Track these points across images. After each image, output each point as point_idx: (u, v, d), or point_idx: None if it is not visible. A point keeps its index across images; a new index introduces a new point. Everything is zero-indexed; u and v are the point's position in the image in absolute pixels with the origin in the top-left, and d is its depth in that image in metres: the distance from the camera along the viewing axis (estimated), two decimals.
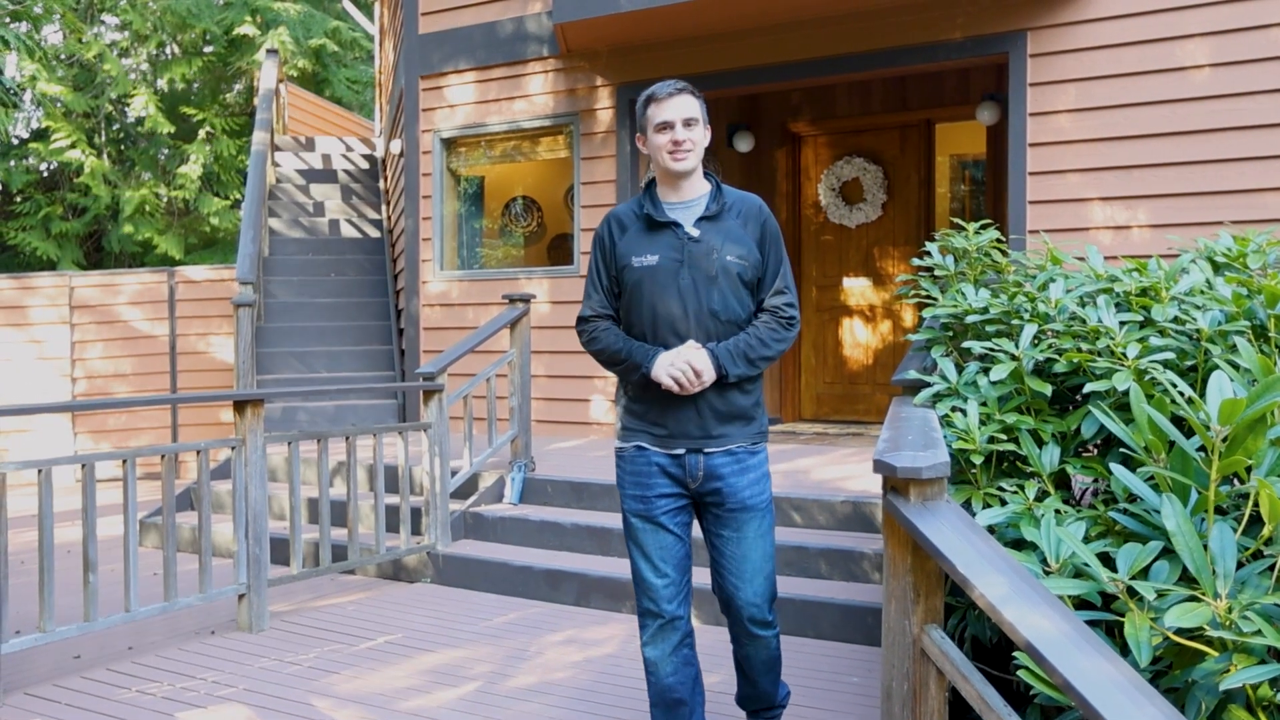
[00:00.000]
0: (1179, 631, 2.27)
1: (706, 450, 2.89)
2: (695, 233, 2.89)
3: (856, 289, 8.19)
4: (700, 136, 2.92)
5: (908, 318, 8.01)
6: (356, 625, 4.88)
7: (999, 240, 4.37)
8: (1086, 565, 2.59)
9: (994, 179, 7.60)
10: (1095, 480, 3.66)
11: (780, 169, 8.35)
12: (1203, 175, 5.66)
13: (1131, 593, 2.39)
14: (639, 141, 3.02)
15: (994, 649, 3.54)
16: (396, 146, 8.73)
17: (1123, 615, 2.46)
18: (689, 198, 2.95)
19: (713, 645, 4.27)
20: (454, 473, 6.03)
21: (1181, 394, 2.63)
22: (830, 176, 8.23)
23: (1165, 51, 5.74)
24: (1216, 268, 3.92)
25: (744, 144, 8.12)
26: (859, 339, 8.20)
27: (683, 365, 2.81)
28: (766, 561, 2.97)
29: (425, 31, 8.25)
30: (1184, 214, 5.69)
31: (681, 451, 2.90)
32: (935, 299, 4.30)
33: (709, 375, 2.81)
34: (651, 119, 2.91)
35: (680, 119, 2.86)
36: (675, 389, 2.81)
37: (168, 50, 17.48)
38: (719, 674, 4.00)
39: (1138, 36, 5.81)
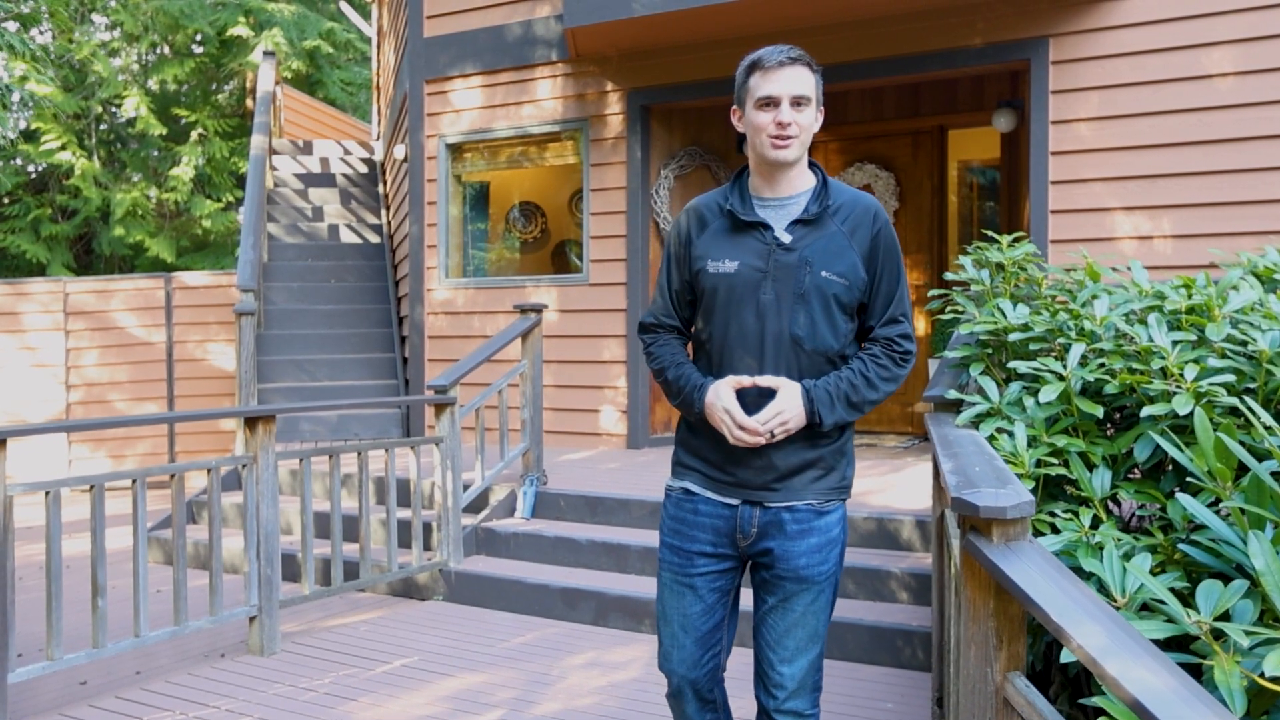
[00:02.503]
0: (1268, 676, 2.16)
1: (767, 504, 2.39)
2: (786, 239, 2.36)
3: None
4: (810, 120, 2.37)
5: (920, 326, 7.91)
6: (370, 647, 4.75)
7: (1035, 254, 4.27)
8: (1163, 603, 2.48)
9: (1008, 186, 7.50)
10: (1142, 505, 3.57)
11: None
12: (1229, 185, 5.57)
13: (1214, 633, 2.29)
14: (733, 116, 2.46)
15: (1034, 677, 3.43)
16: (401, 151, 8.59)
17: (1199, 656, 2.36)
18: (786, 194, 2.41)
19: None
20: (465, 487, 5.90)
21: (1265, 424, 2.52)
22: None
23: (1190, 59, 5.65)
24: (1264, 284, 3.82)
25: None
26: None
27: (776, 424, 2.30)
28: (813, 643, 2.44)
29: (430, 35, 8.11)
30: (1210, 224, 5.60)
31: (736, 502, 2.41)
32: (965, 313, 4.19)
33: (797, 423, 2.32)
34: (753, 91, 2.35)
35: (789, 95, 2.31)
36: (732, 440, 2.33)
37: (159, 51, 17.27)
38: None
39: (1162, 44, 5.72)
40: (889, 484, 5.81)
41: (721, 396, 2.35)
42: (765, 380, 2.33)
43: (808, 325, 2.35)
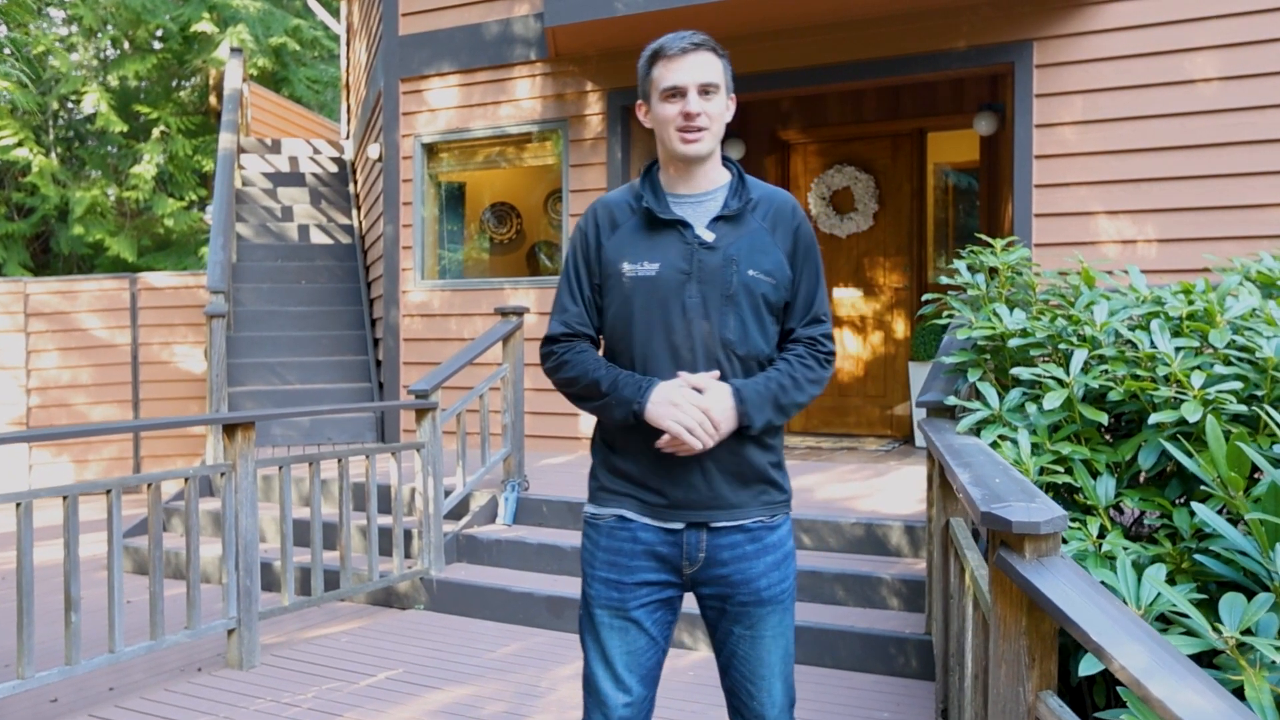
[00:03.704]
0: None
1: (713, 525, 2.21)
2: (709, 236, 2.20)
3: (847, 300, 8.06)
4: (720, 109, 2.21)
5: (899, 329, 7.90)
6: (353, 659, 4.63)
7: (1027, 258, 4.24)
8: (1183, 615, 2.45)
9: (988, 189, 7.50)
10: (1142, 512, 3.54)
11: (770, 177, 8.19)
12: (1212, 189, 5.59)
13: (1240, 646, 2.26)
14: (639, 110, 2.29)
15: None
16: (375, 151, 8.45)
17: (1217, 669, 2.32)
18: (702, 189, 2.26)
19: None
20: (446, 493, 5.79)
21: None
22: (820, 185, 8.09)
23: (1174, 64, 5.67)
24: (1262, 289, 3.80)
25: (735, 151, 7.96)
26: (849, 350, 8.07)
27: (694, 413, 2.10)
28: (786, 663, 2.30)
29: (406, 33, 7.98)
30: (1193, 229, 5.62)
31: (680, 527, 2.21)
32: (958, 317, 4.16)
33: (727, 426, 2.13)
34: (657, 82, 2.20)
35: (695, 84, 2.16)
36: (684, 438, 2.10)
37: (120, 46, 16.94)
38: None
39: (1146, 49, 5.73)
40: (874, 488, 5.77)
41: (672, 385, 2.14)
42: (699, 379, 2.15)
43: (739, 329, 2.19)
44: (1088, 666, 2.41)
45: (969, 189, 8.08)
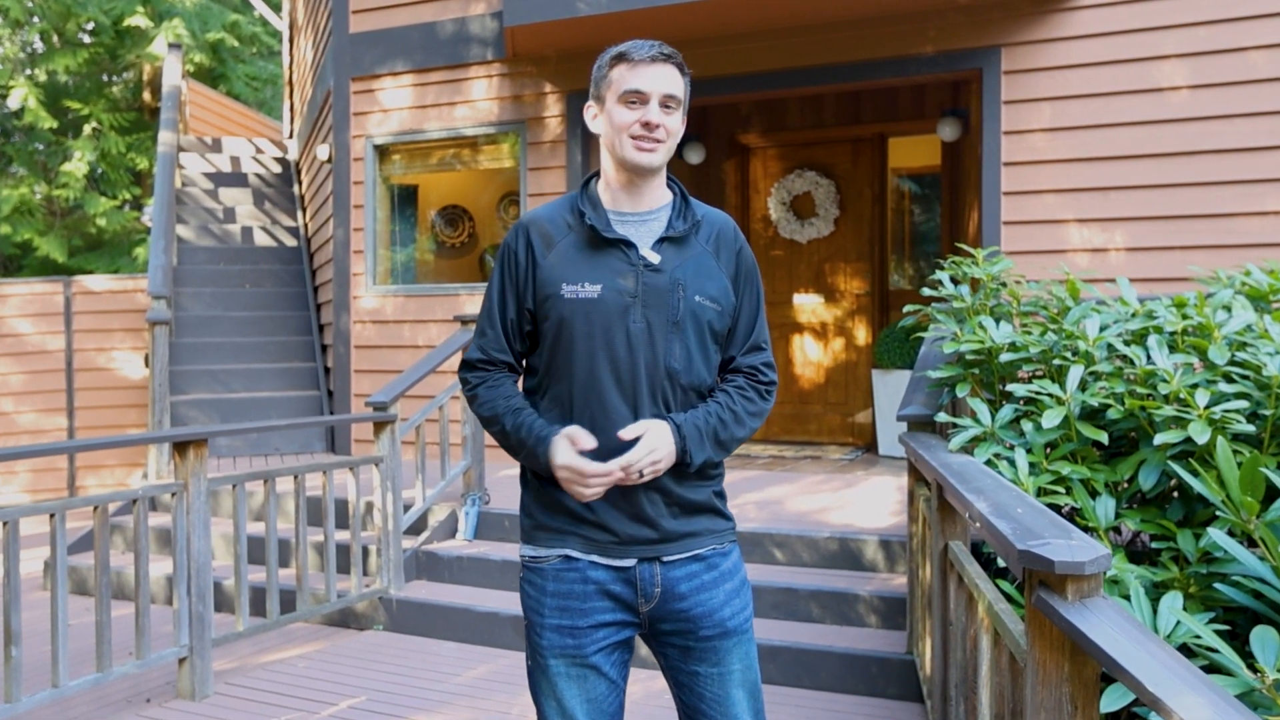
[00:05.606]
0: None
1: (666, 558, 2.08)
2: (655, 258, 2.07)
3: (808, 306, 7.98)
4: (678, 125, 2.10)
5: (860, 336, 7.84)
6: (312, 686, 4.41)
7: (1010, 267, 4.16)
8: (1215, 651, 2.36)
9: (951, 196, 7.47)
10: (1138, 533, 3.47)
11: (729, 182, 8.09)
12: (1180, 198, 5.58)
13: (1276, 685, 2.17)
14: (587, 113, 2.17)
15: None
16: (324, 152, 8.18)
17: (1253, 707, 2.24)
18: (647, 208, 2.13)
19: None
20: (406, 508, 5.58)
21: None
22: (781, 190, 7.99)
23: (1142, 72, 5.65)
24: (1253, 303, 3.75)
25: (695, 156, 7.83)
26: (810, 357, 7.99)
27: (600, 482, 2.00)
28: (756, 698, 2.16)
29: (357, 30, 7.72)
30: (1162, 237, 5.61)
31: (631, 563, 2.07)
32: (943, 329, 4.07)
33: (667, 463, 2.02)
34: (616, 84, 2.07)
35: (659, 94, 2.04)
36: (587, 498, 2.02)
37: (49, 39, 16.34)
38: None
39: (1114, 56, 5.71)
40: (845, 500, 5.68)
41: (559, 453, 2.02)
42: (629, 432, 2.01)
43: (684, 357, 2.07)
44: (1112, 702, 2.31)
45: (926, 195, 8.04)
